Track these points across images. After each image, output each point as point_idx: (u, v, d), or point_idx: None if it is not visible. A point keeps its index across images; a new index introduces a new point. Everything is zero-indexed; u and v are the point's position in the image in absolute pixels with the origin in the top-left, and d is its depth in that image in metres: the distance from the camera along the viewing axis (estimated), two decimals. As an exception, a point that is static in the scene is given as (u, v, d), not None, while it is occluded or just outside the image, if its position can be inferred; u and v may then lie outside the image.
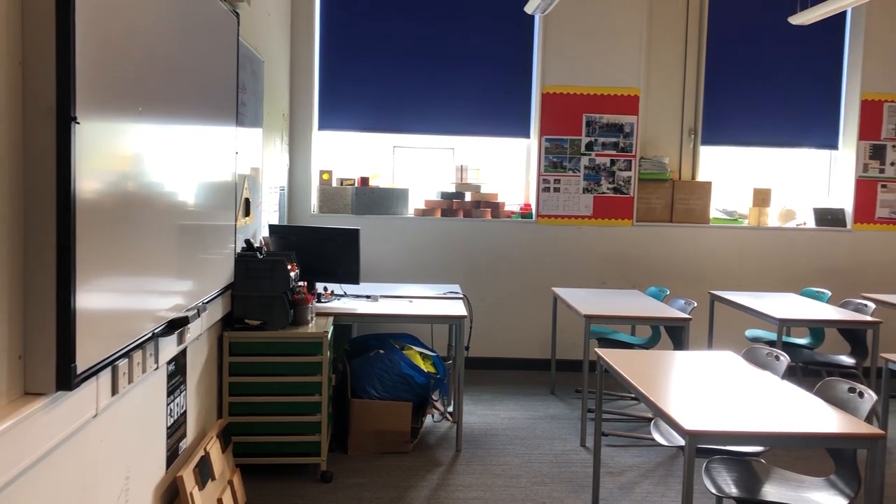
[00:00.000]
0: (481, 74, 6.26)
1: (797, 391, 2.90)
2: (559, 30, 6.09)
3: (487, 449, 4.41)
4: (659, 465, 4.23)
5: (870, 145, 6.27)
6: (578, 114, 6.17)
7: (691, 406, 2.66)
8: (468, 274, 6.17)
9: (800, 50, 6.38)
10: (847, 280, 6.25)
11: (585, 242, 6.24)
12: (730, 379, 3.08)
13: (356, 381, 4.34)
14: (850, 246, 6.31)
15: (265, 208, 4.95)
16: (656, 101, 6.31)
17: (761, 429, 2.47)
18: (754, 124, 6.43)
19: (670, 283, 6.13)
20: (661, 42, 6.26)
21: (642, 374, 3.09)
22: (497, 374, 6.11)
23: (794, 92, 6.42)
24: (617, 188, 6.21)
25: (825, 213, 6.39)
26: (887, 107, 6.24)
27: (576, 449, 4.46)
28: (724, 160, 6.52)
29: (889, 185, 6.29)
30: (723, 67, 6.36)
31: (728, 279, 6.24)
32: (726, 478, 2.77)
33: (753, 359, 3.41)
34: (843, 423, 2.53)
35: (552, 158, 6.18)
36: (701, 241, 6.29)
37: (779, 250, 6.30)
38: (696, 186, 6.30)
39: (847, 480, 2.68)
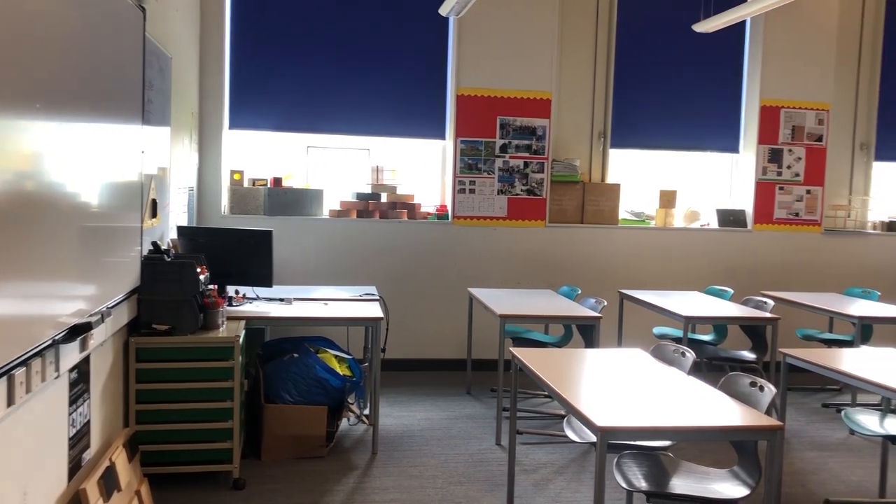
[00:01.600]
0: (396, 75, 6.25)
1: (702, 386, 3.01)
2: (473, 32, 6.14)
3: (404, 451, 4.40)
4: (572, 461, 4.31)
5: (768, 149, 6.56)
6: (493, 116, 6.23)
7: (603, 403, 2.72)
8: (384, 275, 6.14)
9: (703, 57, 6.63)
10: (748, 278, 6.53)
11: (500, 243, 6.32)
12: (639, 375, 3.17)
13: (269, 386, 4.26)
14: (751, 246, 6.60)
15: (173, 209, 4.79)
16: (567, 105, 6.44)
17: (669, 424, 2.54)
18: (661, 128, 6.64)
19: (582, 282, 6.27)
20: (572, 47, 6.40)
21: (555, 372, 3.14)
22: (414, 375, 6.11)
23: (698, 97, 6.67)
24: (530, 190, 6.31)
25: (727, 214, 6.66)
26: (784, 112, 6.55)
27: (491, 448, 4.50)
28: (632, 163, 6.71)
29: (786, 187, 6.60)
30: (631, 73, 6.55)
31: (636, 278, 6.43)
32: (636, 472, 2.85)
33: (661, 355, 3.52)
34: (745, 417, 2.63)
35: (467, 160, 6.22)
36: (610, 241, 6.45)
37: (684, 250, 6.53)
38: (605, 188, 6.46)
39: (749, 471, 2.80)
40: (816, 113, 6.58)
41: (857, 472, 4.28)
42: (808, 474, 4.24)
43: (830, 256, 6.69)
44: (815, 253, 6.67)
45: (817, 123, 6.59)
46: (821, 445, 4.75)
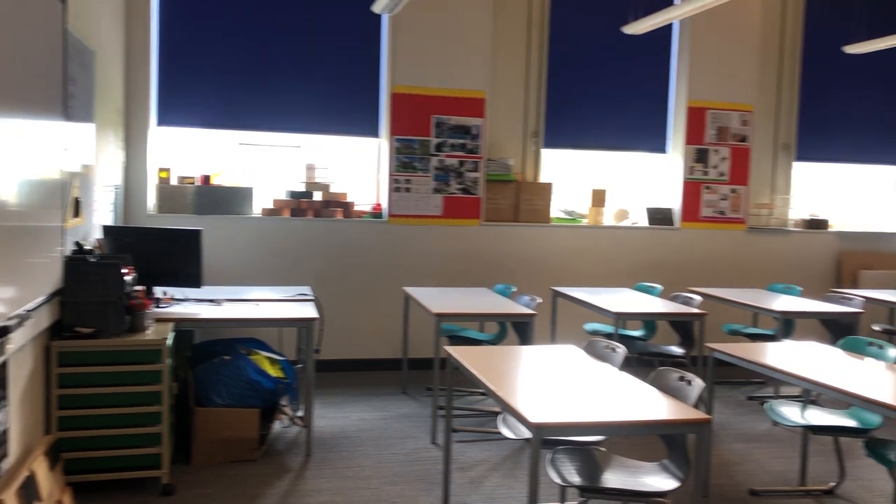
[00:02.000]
0: (330, 73, 6.19)
1: (633, 381, 3.06)
2: (407, 30, 6.13)
3: (338, 452, 4.36)
4: (507, 458, 4.34)
5: (695, 149, 6.74)
6: (427, 115, 6.23)
7: (537, 399, 2.74)
8: (319, 275, 6.07)
9: (633, 58, 6.77)
10: (676, 275, 6.70)
11: (436, 242, 6.32)
12: (572, 371, 3.21)
13: (200, 389, 4.16)
14: (679, 243, 6.77)
15: (98, 208, 4.64)
16: (501, 105, 6.48)
17: (602, 419, 2.58)
18: (592, 128, 6.75)
19: (517, 280, 6.32)
20: (505, 47, 6.44)
21: (490, 369, 3.16)
22: (349, 375, 6.06)
23: (629, 98, 6.80)
24: (465, 189, 6.33)
25: (656, 212, 6.81)
26: (710, 114, 6.74)
27: (427, 447, 4.49)
28: (565, 162, 6.80)
29: (712, 186, 6.79)
30: (563, 73, 6.64)
31: (569, 275, 6.52)
32: (570, 467, 2.89)
33: (593, 351, 3.57)
34: (675, 411, 2.69)
35: (403, 158, 6.20)
36: (544, 239, 6.53)
37: (615, 248, 6.65)
38: (538, 187, 6.53)
39: (678, 464, 2.86)
40: (740, 114, 6.79)
41: (780, 462, 4.43)
42: (734, 465, 4.37)
43: (754, 253, 6.91)
44: (740, 250, 6.88)
45: (741, 124, 6.80)
46: (746, 437, 4.90)
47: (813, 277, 6.98)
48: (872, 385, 3.15)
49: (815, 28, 7.02)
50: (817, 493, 4.01)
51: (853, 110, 7.27)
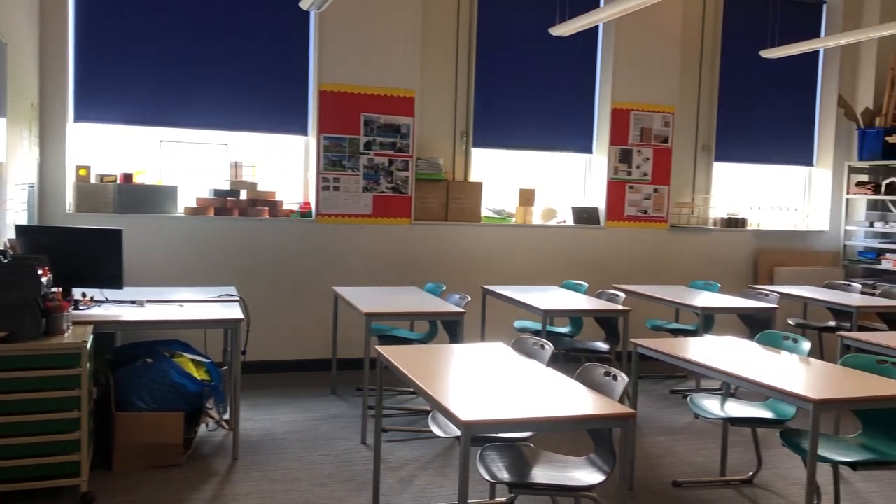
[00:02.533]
0: (256, 69, 6.08)
1: (561, 377, 3.11)
2: (335, 28, 6.07)
3: (266, 455, 4.29)
4: (437, 456, 4.36)
5: (619, 150, 6.89)
6: (356, 113, 6.19)
7: (466, 397, 2.76)
8: (245, 275, 5.97)
9: (561, 60, 6.87)
10: (601, 272, 6.84)
11: (366, 241, 6.28)
12: (501, 369, 3.24)
13: (121, 394, 4.03)
14: (604, 241, 6.91)
15: (11, 207, 4.44)
16: (431, 104, 6.50)
17: (530, 415, 2.61)
18: (520, 128, 6.83)
19: (447, 278, 6.34)
20: (434, 46, 6.45)
21: (420, 368, 3.16)
22: (277, 377, 5.97)
23: (556, 99, 6.90)
24: (395, 187, 6.32)
25: (582, 211, 6.94)
26: (633, 115, 6.90)
27: (357, 447, 4.47)
28: (494, 162, 6.86)
29: (636, 186, 6.96)
30: (492, 73, 6.69)
31: (499, 274, 6.59)
32: (499, 464, 2.91)
33: (522, 348, 3.61)
34: (600, 406, 2.75)
35: (331, 157, 6.15)
36: (474, 238, 6.57)
37: (542, 246, 6.75)
38: (468, 187, 6.57)
39: (604, 457, 2.92)
40: (663, 116, 6.97)
41: (702, 454, 4.58)
42: (657, 458, 4.49)
43: (676, 251, 7.12)
44: (662, 248, 7.08)
45: (663, 126, 6.98)
46: (669, 430, 5.04)
47: (731, 274, 7.23)
48: (787, 377, 3.28)
49: (733, 33, 7.26)
50: (736, 482, 4.15)
51: (768, 113, 7.56)
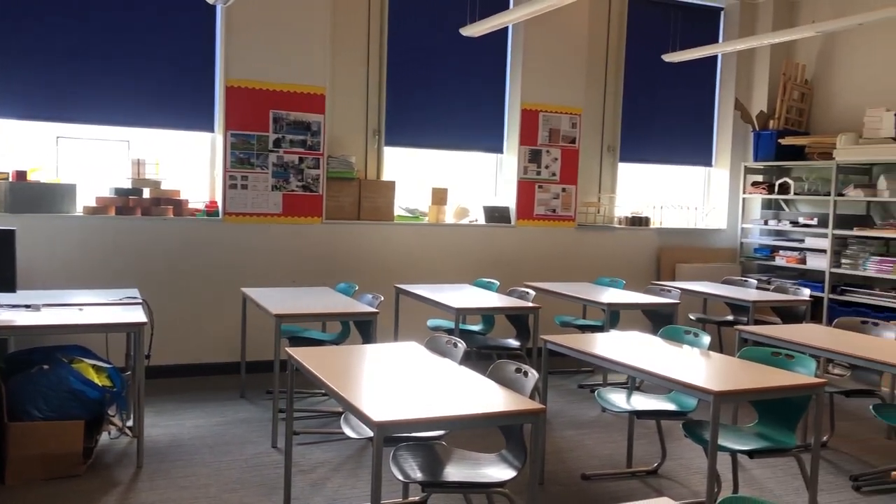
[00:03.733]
0: (160, 63, 5.88)
1: (473, 375, 3.14)
2: (243, 22, 5.94)
3: (172, 461, 4.16)
4: (350, 457, 4.32)
5: (528, 150, 7.00)
6: (265, 110, 6.07)
7: (379, 398, 2.74)
8: (149, 277, 5.77)
9: (472, 60, 6.93)
10: (512, 270, 6.94)
11: (275, 240, 6.17)
12: (414, 368, 3.24)
13: (15, 402, 3.83)
14: (515, 240, 7.01)
15: None
16: (342, 101, 6.44)
17: (442, 414, 2.62)
18: (432, 127, 6.85)
19: (359, 278, 6.30)
20: (345, 43, 6.40)
21: (332, 370, 3.13)
22: (183, 381, 5.80)
23: (467, 99, 6.96)
24: (306, 186, 6.23)
25: (493, 210, 7.02)
26: (542, 116, 7.02)
27: (267, 451, 4.39)
28: (406, 160, 6.86)
29: (545, 185, 7.08)
30: (404, 72, 6.69)
31: (412, 273, 6.59)
32: (412, 464, 2.91)
33: (434, 347, 3.63)
34: (511, 402, 2.78)
35: (239, 154, 6.01)
36: (386, 237, 6.55)
37: (455, 245, 6.79)
38: (380, 185, 6.55)
39: (515, 453, 2.97)
40: (570, 117, 7.13)
41: (609, 447, 4.71)
42: (567, 451, 4.59)
43: (583, 249, 7.29)
44: (570, 246, 7.24)
45: (571, 127, 7.14)
46: (578, 424, 5.16)
47: (636, 271, 7.46)
48: (689, 370, 3.41)
49: (636, 37, 7.49)
50: (642, 473, 4.29)
51: (670, 115, 7.83)
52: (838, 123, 7.19)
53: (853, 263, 6.71)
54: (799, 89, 7.47)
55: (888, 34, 6.79)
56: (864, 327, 4.67)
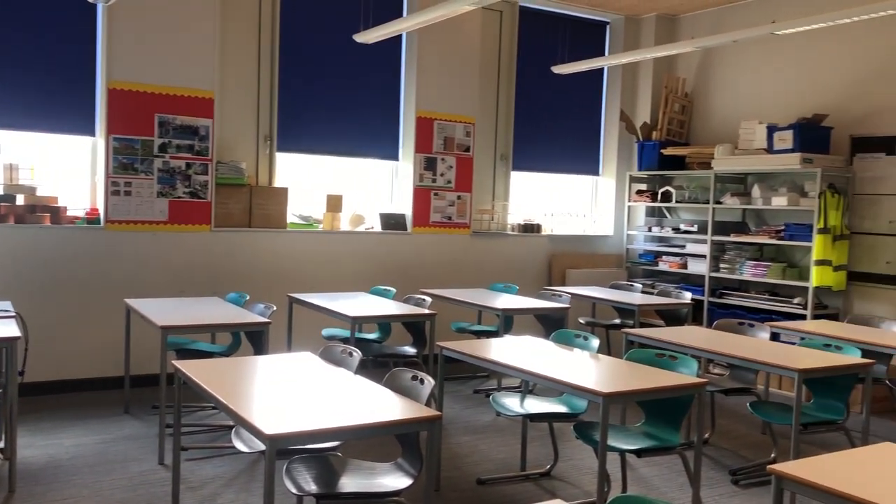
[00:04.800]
0: (37, 63, 5.57)
1: (369, 384, 3.11)
2: (126, 22, 5.70)
3: (49, 484, 3.93)
4: (241, 472, 4.20)
5: (424, 158, 7.04)
6: (150, 113, 5.85)
7: (271, 410, 2.68)
8: (23, 289, 5.43)
9: (366, 67, 6.90)
10: (408, 277, 6.94)
11: (161, 249, 5.94)
12: (308, 379, 3.19)
13: None
14: (411, 247, 7.02)
15: None
16: (232, 106, 6.28)
17: (337, 424, 2.59)
18: (327, 134, 6.77)
19: (250, 287, 6.14)
20: (234, 46, 6.25)
21: (221, 382, 3.03)
22: (62, 398, 5.49)
23: (362, 106, 6.92)
24: (194, 192, 6.03)
25: (389, 217, 7.01)
26: (437, 124, 7.07)
27: (154, 468, 4.21)
28: (300, 167, 6.75)
29: (440, 193, 7.13)
30: (297, 77, 6.58)
31: (306, 281, 6.48)
32: (306, 476, 2.86)
33: (329, 357, 3.58)
34: (407, 410, 2.78)
35: (122, 159, 5.76)
36: (279, 245, 6.42)
37: (350, 253, 6.73)
38: (273, 192, 6.41)
39: (411, 461, 2.96)
40: (464, 126, 7.21)
41: (504, 450, 4.77)
42: (463, 457, 4.62)
43: (478, 255, 7.38)
44: (466, 253, 7.31)
45: (465, 135, 7.22)
46: (473, 429, 5.20)
47: (528, 277, 7.61)
48: (579, 373, 3.50)
49: (527, 49, 7.66)
50: (536, 476, 4.37)
51: (560, 125, 8.05)
52: (716, 135, 7.58)
53: (730, 268, 7.08)
54: (680, 102, 7.84)
55: (760, 51, 7.22)
56: (740, 328, 4.93)
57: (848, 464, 2.36)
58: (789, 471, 2.25)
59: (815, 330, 4.95)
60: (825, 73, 6.71)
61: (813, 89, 6.80)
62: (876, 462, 2.38)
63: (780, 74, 7.08)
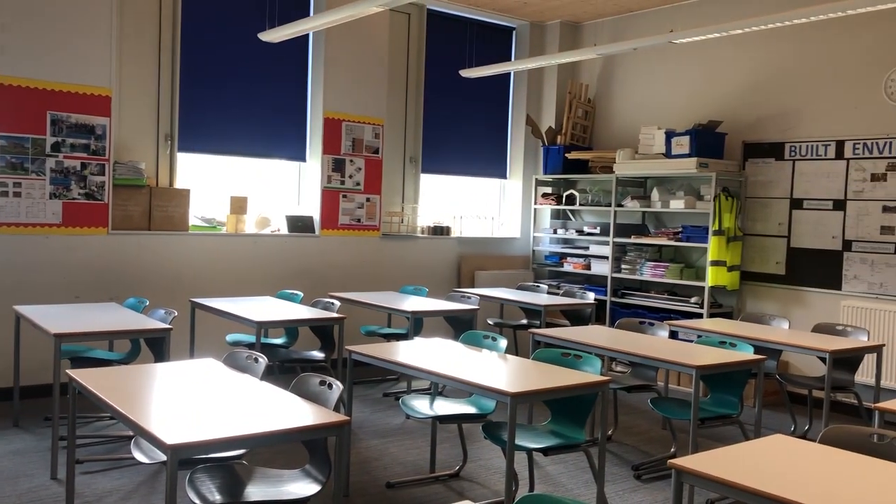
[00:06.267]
0: None
1: (275, 390, 3.05)
2: (15, 15, 5.40)
3: (-71, 504, 3.68)
4: (142, 484, 4.05)
5: (332, 159, 6.96)
6: (41, 111, 5.57)
7: (173, 419, 2.59)
8: None
9: (273, 66, 6.78)
10: (317, 281, 6.85)
11: (54, 253, 5.66)
12: (211, 386, 3.10)
13: None
14: (319, 250, 6.93)
15: None
16: (130, 105, 6.05)
17: (242, 432, 2.52)
18: (231, 134, 6.61)
19: (151, 292, 5.92)
20: (133, 43, 6.02)
21: (120, 391, 2.91)
22: (-57, 411, 5.16)
23: (268, 106, 6.79)
24: (89, 194, 5.78)
25: (296, 220, 6.90)
26: (345, 125, 7.01)
27: (46, 483, 4.00)
28: (203, 168, 6.57)
29: (349, 195, 7.07)
30: (200, 75, 6.40)
31: (209, 286, 6.30)
32: (210, 486, 2.78)
33: (234, 363, 3.49)
34: (315, 415, 2.74)
35: (10, 159, 5.46)
36: (181, 248, 6.22)
37: (256, 256, 6.59)
38: (174, 193, 6.21)
39: (319, 467, 2.92)
40: (373, 127, 7.18)
41: (413, 453, 4.77)
42: (372, 461, 4.59)
43: (388, 258, 7.36)
44: (375, 255, 7.27)
45: (374, 137, 7.19)
46: (383, 432, 5.18)
47: (438, 279, 7.64)
48: (488, 374, 3.54)
49: (436, 52, 7.70)
50: (445, 477, 4.38)
51: (469, 129, 8.12)
52: (617, 139, 7.82)
53: (631, 268, 7.31)
54: (583, 107, 8.04)
55: (659, 59, 7.48)
56: (641, 327, 5.10)
57: (742, 456, 2.46)
58: (688, 465, 2.33)
59: (710, 328, 5.16)
60: (720, 82, 7.03)
61: (708, 97, 7.11)
62: (768, 453, 2.50)
63: (677, 82, 7.37)
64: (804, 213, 6.41)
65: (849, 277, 6.11)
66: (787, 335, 5.07)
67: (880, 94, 5.94)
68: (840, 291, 6.15)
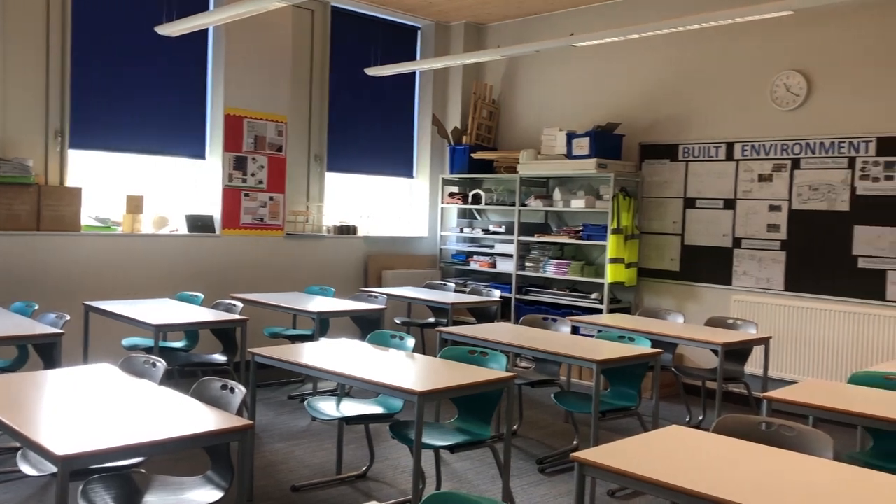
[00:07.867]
0: None
1: (174, 395, 2.95)
2: None
3: None
4: (30, 497, 3.84)
5: (233, 157, 6.79)
6: (-85, 103, 5.20)
7: (64, 428, 2.47)
8: None
9: (170, 61, 6.55)
10: (218, 282, 6.67)
11: (-70, 255, 5.30)
12: (106, 393, 2.97)
13: None
14: (220, 250, 6.75)
15: None
16: (16, 98, 5.73)
17: (139, 440, 2.43)
18: (126, 130, 6.36)
19: (41, 296, 5.62)
20: (17, 33, 5.70)
21: (4, 400, 2.75)
22: None
23: (166, 101, 6.56)
24: (-30, 192, 5.44)
25: (196, 219, 6.70)
26: (247, 122, 6.85)
27: (-77, 502, 3.75)
28: (97, 165, 6.29)
29: (251, 193, 6.92)
30: (92, 68, 6.12)
31: (104, 288, 6.04)
32: (105, 497, 2.66)
33: (130, 368, 3.36)
34: (216, 421, 2.66)
35: None
36: (73, 249, 5.94)
37: (154, 256, 6.36)
38: (65, 192, 5.92)
39: (222, 473, 2.84)
40: (276, 125, 7.04)
41: (319, 455, 4.71)
42: (277, 465, 4.51)
43: (292, 258, 7.24)
44: (279, 255, 7.14)
45: (277, 135, 7.06)
46: (288, 436, 5.10)
47: (345, 279, 7.58)
48: (395, 373, 3.53)
49: (341, 50, 7.62)
50: (352, 478, 4.35)
51: (375, 127, 8.09)
52: (521, 140, 7.95)
53: (535, 266, 7.46)
54: (488, 108, 8.14)
55: (561, 61, 7.65)
56: (544, 323, 5.20)
57: (641, 447, 2.55)
58: (589, 457, 2.40)
59: (610, 323, 5.32)
60: (618, 85, 7.25)
61: (607, 99, 7.32)
62: (665, 444, 2.60)
63: (578, 84, 7.55)
64: (697, 212, 6.69)
65: (738, 273, 6.42)
66: (682, 329, 5.28)
67: (767, 99, 6.26)
68: (731, 287, 6.46)
